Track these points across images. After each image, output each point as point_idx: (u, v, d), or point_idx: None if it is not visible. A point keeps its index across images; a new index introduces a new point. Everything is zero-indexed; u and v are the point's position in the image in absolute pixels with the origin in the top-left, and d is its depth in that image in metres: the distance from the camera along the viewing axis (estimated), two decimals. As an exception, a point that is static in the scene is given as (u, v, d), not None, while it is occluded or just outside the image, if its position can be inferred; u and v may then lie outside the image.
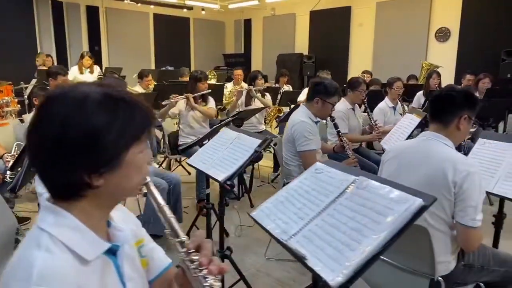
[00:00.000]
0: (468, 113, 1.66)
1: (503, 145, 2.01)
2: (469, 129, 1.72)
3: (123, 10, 10.09)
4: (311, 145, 2.58)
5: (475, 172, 1.51)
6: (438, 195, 1.50)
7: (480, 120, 3.92)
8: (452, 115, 1.66)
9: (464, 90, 1.71)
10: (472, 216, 1.49)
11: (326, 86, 2.59)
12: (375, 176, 1.14)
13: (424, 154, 1.64)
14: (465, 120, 1.66)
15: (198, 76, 3.79)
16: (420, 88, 5.76)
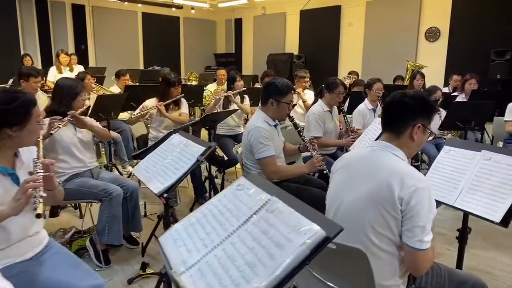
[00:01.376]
0: (423, 121, 1.50)
1: (468, 153, 1.86)
2: (425, 138, 1.55)
3: (110, 9, 9.92)
4: (269, 151, 2.43)
5: (424, 187, 1.35)
6: (383, 212, 1.36)
7: (462, 123, 3.77)
8: (404, 123, 1.50)
9: (419, 96, 1.53)
10: (419, 237, 1.33)
11: (278, 85, 2.44)
12: (290, 197, 0.99)
13: (372, 165, 1.48)
14: (419, 129, 1.50)
15: (172, 80, 3.61)
16: (405, 89, 5.62)
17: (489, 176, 1.71)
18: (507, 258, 2.84)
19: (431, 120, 1.54)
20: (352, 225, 1.44)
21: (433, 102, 1.58)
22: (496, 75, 6.55)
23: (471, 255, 2.88)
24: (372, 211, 1.39)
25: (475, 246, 3.02)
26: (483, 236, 3.20)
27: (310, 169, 2.53)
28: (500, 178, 1.67)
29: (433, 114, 1.54)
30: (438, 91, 4.27)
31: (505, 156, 1.71)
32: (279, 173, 2.48)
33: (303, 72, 5.17)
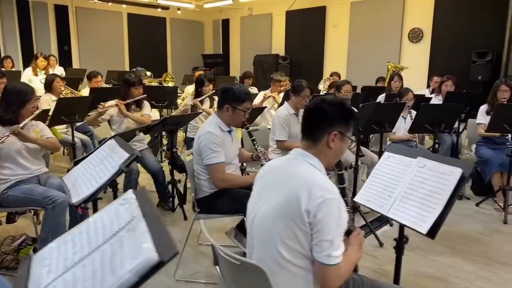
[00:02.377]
0: (340, 129, 1.43)
1: (406, 160, 1.79)
2: (344, 147, 1.48)
3: (94, 10, 9.83)
4: (218, 158, 2.35)
5: (333, 199, 1.28)
6: (292, 225, 1.29)
7: (431, 126, 3.70)
8: (321, 131, 1.42)
9: (337, 103, 1.46)
10: (327, 252, 1.26)
11: (235, 92, 2.37)
12: (156, 217, 0.92)
13: (286, 175, 1.41)
14: (336, 137, 1.42)
15: (132, 80, 3.54)
16: (384, 91, 5.57)
17: (422, 185, 1.65)
18: (468, 265, 2.77)
19: (350, 127, 1.47)
20: (264, 238, 1.37)
21: (352, 109, 1.50)
22: (478, 77, 6.50)
23: (431, 262, 2.82)
24: (281, 224, 1.31)
25: (436, 252, 2.96)
26: (446, 241, 3.14)
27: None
28: (432, 186, 1.61)
29: (352, 122, 1.47)
30: (409, 93, 4.21)
31: (439, 164, 1.64)
32: (226, 181, 2.41)
33: (278, 76, 5.10)
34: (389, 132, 3.92)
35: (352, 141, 1.50)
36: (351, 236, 1.54)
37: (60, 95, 4.58)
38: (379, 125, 3.51)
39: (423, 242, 3.11)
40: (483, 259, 2.85)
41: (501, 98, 4.03)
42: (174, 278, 2.56)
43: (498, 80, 4.16)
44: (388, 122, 3.57)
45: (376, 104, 3.30)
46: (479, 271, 2.69)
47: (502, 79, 4.17)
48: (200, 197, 2.52)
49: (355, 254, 1.45)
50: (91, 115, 3.41)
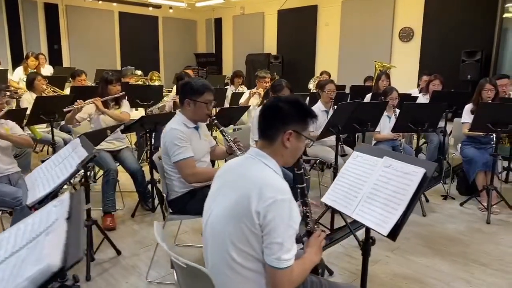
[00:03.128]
0: (295, 127, 1.38)
1: (372, 160, 1.75)
2: (301, 146, 1.43)
3: (85, 8, 9.76)
4: (185, 153, 2.31)
5: (284, 200, 1.23)
6: (242, 227, 1.25)
7: (414, 125, 3.67)
8: (276, 130, 1.38)
9: (293, 101, 1.42)
10: (277, 255, 1.21)
11: (193, 85, 2.34)
12: (78, 221, 0.87)
13: (239, 175, 1.37)
14: (292, 136, 1.38)
15: (109, 78, 3.49)
16: (370, 90, 5.53)
17: (387, 185, 1.60)
18: (446, 266, 2.74)
19: (307, 126, 1.43)
20: (216, 240, 1.33)
21: (308, 108, 1.45)
22: (467, 76, 6.48)
23: (409, 262, 2.79)
24: (232, 226, 1.27)
25: (416, 253, 2.92)
26: (427, 242, 3.11)
27: None
28: (395, 187, 1.57)
29: (309, 120, 1.43)
30: (394, 92, 4.18)
31: (403, 164, 1.60)
32: (196, 175, 2.36)
33: (263, 73, 5.06)
34: (372, 132, 3.89)
35: (310, 139, 1.46)
36: (311, 237, 1.50)
37: (42, 93, 4.53)
38: (361, 124, 3.48)
39: (403, 243, 3.09)
40: (462, 260, 2.82)
41: (486, 97, 4.00)
42: (146, 280, 2.52)
43: (483, 79, 4.13)
44: (370, 121, 3.54)
45: (355, 103, 3.25)
46: (457, 272, 2.65)
47: (486, 78, 4.13)
48: (172, 198, 2.47)
49: (312, 257, 1.41)
50: (68, 114, 3.35)
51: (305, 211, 1.53)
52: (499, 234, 3.26)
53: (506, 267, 2.73)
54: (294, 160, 1.46)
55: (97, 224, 2.69)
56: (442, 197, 4.15)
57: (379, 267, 2.72)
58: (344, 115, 3.11)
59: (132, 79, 5.89)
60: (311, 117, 1.44)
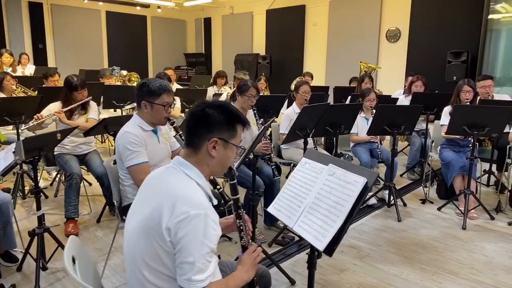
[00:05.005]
0: (221, 135, 1.28)
1: (319, 167, 1.65)
2: (230, 154, 1.32)
3: (70, 7, 9.62)
4: (139, 158, 2.20)
5: (198, 215, 1.12)
6: (154, 244, 1.14)
7: (390, 128, 3.57)
8: (200, 137, 1.27)
9: (221, 106, 1.30)
10: (187, 276, 1.10)
11: (150, 86, 2.21)
12: None
13: (156, 186, 1.26)
14: (218, 144, 1.27)
15: (74, 84, 3.33)
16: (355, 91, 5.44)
17: (329, 194, 1.50)
18: (414, 275, 2.63)
19: (235, 133, 1.32)
20: (130, 258, 1.22)
21: (238, 113, 1.34)
22: (453, 77, 6.39)
23: (377, 271, 2.69)
24: (143, 243, 1.16)
25: (385, 261, 2.82)
26: (399, 249, 3.02)
27: None
28: (337, 197, 1.46)
29: (238, 127, 1.32)
30: (372, 94, 4.08)
31: (346, 172, 1.50)
32: None
33: (241, 74, 4.96)
34: (347, 134, 3.79)
35: (239, 148, 1.35)
36: (244, 253, 1.40)
37: (12, 94, 4.40)
38: (334, 127, 3.38)
39: (374, 250, 2.99)
40: (432, 268, 2.72)
41: (464, 99, 3.91)
42: (98, 290, 2.40)
43: (461, 80, 4.04)
44: (344, 123, 3.44)
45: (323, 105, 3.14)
46: (424, 281, 2.55)
47: (465, 79, 4.04)
48: (125, 205, 2.36)
49: (241, 275, 1.30)
50: (30, 126, 3.23)
51: (239, 225, 1.43)
52: (474, 241, 3.17)
53: (477, 276, 2.63)
54: (223, 169, 1.36)
55: (49, 231, 2.58)
56: (420, 201, 4.06)
57: (344, 276, 2.61)
58: (312, 118, 3.01)
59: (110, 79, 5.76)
60: (241, 124, 1.33)
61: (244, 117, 1.35)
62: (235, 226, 1.44)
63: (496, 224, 3.50)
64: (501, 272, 2.67)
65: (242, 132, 1.38)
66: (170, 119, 2.37)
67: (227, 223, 1.55)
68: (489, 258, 2.87)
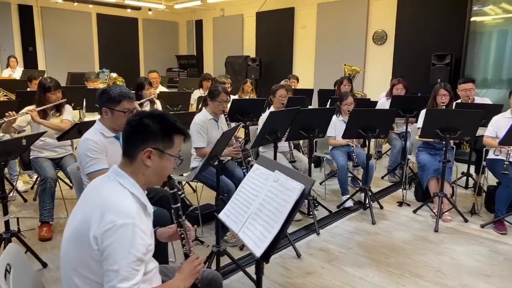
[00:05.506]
0: (156, 145, 1.30)
1: (266, 173, 1.68)
2: (166, 164, 1.34)
3: (61, 10, 9.63)
4: (98, 165, 2.23)
5: (125, 224, 1.15)
6: (83, 252, 1.16)
7: (364, 131, 3.60)
8: (135, 147, 1.30)
9: (156, 116, 1.32)
10: (112, 283, 1.13)
11: (110, 93, 2.26)
12: None
13: (89, 195, 1.29)
14: (153, 154, 1.29)
15: (47, 85, 3.36)
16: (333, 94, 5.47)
17: (272, 201, 1.53)
18: (380, 278, 2.66)
19: (171, 143, 1.33)
20: (62, 263, 1.25)
21: (175, 123, 1.35)
22: (437, 79, 6.41)
23: (343, 274, 2.72)
24: (73, 251, 1.19)
25: (353, 264, 2.85)
26: (369, 251, 3.05)
27: None
28: (277, 203, 1.49)
29: (174, 137, 1.33)
30: (349, 97, 4.12)
31: (288, 179, 1.52)
32: None
33: (223, 78, 5.00)
34: (322, 138, 3.82)
35: (176, 158, 1.36)
36: (185, 262, 1.43)
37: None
38: (308, 130, 3.41)
39: (344, 253, 3.02)
40: (398, 271, 2.75)
41: (440, 103, 3.95)
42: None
43: (438, 84, 4.07)
44: (318, 127, 3.47)
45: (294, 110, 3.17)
46: (388, 284, 2.58)
47: (441, 83, 4.08)
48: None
49: (177, 284, 1.33)
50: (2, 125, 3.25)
51: (180, 233, 1.45)
52: (445, 243, 3.20)
53: (441, 278, 2.67)
54: (160, 179, 1.38)
55: (17, 236, 2.60)
56: (398, 203, 4.09)
57: (310, 279, 2.64)
58: (283, 122, 3.04)
59: (95, 83, 5.79)
60: (179, 134, 1.35)
61: (183, 128, 1.38)
62: (177, 234, 1.47)
63: (469, 226, 3.53)
64: (466, 275, 2.71)
65: (183, 142, 1.40)
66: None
67: (171, 232, 1.57)
68: (457, 261, 2.91)
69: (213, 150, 2.25)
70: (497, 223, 3.44)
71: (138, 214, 1.22)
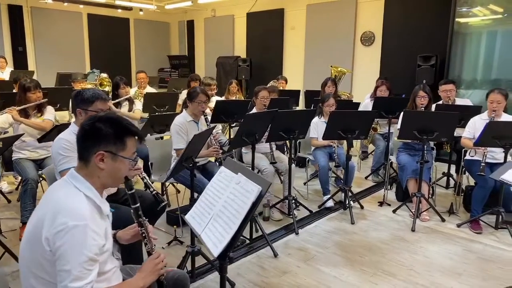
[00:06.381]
0: (109, 148, 1.33)
1: (230, 175, 1.72)
2: (120, 167, 1.37)
3: (51, 10, 9.62)
4: (70, 163, 2.26)
5: (76, 226, 1.19)
6: (36, 254, 1.20)
7: (344, 132, 3.66)
8: (88, 151, 1.34)
9: (108, 119, 1.36)
10: (65, 283, 1.17)
11: (83, 94, 2.35)
12: None
13: (45, 198, 1.33)
14: (106, 157, 1.33)
15: (27, 85, 3.40)
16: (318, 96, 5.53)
17: (232, 202, 1.58)
18: (354, 277, 2.72)
19: (124, 146, 1.37)
20: (20, 266, 1.29)
21: (128, 126, 1.39)
22: (422, 80, 6.49)
23: (318, 273, 2.77)
24: (28, 252, 1.24)
25: (329, 263, 2.91)
26: (345, 251, 3.10)
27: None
28: (238, 205, 1.54)
29: (127, 139, 1.38)
30: (331, 99, 4.17)
31: (248, 181, 1.57)
32: None
33: (208, 79, 5.05)
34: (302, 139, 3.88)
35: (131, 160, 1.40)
36: (146, 260, 1.47)
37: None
38: (288, 132, 3.45)
39: (321, 252, 3.08)
40: (372, 270, 2.81)
41: (419, 104, 4.01)
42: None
43: (417, 85, 4.14)
44: (298, 129, 3.52)
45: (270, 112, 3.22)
46: (362, 283, 2.64)
47: (420, 85, 4.14)
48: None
49: (135, 282, 1.37)
50: None
51: (141, 232, 1.50)
52: (420, 243, 3.27)
53: (413, 277, 2.73)
54: (116, 181, 1.42)
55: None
56: (379, 203, 4.15)
57: (286, 278, 2.69)
58: (260, 124, 3.09)
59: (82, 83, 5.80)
60: (131, 136, 1.39)
61: (135, 130, 1.41)
62: (139, 234, 1.51)
63: (446, 226, 3.60)
64: (437, 273, 2.77)
65: (139, 143, 1.45)
66: None
67: (131, 232, 1.62)
68: (430, 260, 2.97)
69: (185, 153, 2.30)
70: (472, 222, 3.51)
71: (91, 216, 1.26)
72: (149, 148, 3.52)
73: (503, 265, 2.90)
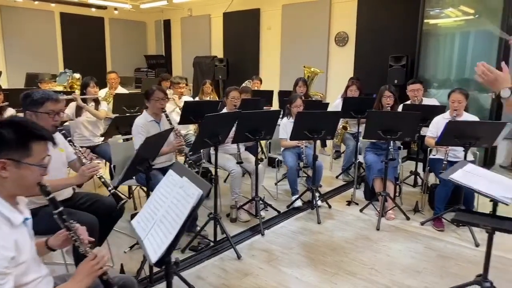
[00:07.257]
0: (10, 155, 1.26)
1: (176, 179, 1.69)
2: (27, 174, 1.30)
3: (21, 8, 9.36)
4: None
5: None
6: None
7: (310, 133, 3.67)
8: None
9: (10, 124, 1.29)
10: None
11: (32, 96, 2.27)
12: None
13: None
14: (9, 165, 1.26)
15: None
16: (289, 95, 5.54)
17: (174, 207, 1.55)
18: (315, 277, 2.73)
19: (29, 153, 1.30)
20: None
21: (33, 129, 1.32)
22: (394, 80, 6.60)
23: (280, 274, 2.77)
24: None
25: (291, 263, 2.91)
26: (309, 251, 3.12)
27: (81, 179, 2.33)
28: (179, 209, 1.51)
29: (33, 144, 1.30)
30: (298, 100, 4.18)
31: (191, 184, 1.55)
32: None
33: (177, 79, 5.00)
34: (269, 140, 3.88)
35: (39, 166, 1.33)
36: (81, 262, 1.43)
37: None
38: (254, 133, 3.44)
39: (284, 253, 3.08)
40: (333, 270, 2.82)
41: (385, 104, 4.07)
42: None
43: (383, 86, 4.19)
44: (264, 129, 3.51)
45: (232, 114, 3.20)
46: (322, 283, 2.65)
47: (386, 85, 4.20)
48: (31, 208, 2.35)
49: (71, 286, 1.34)
50: None
51: (71, 236, 1.47)
52: (384, 241, 3.31)
53: (374, 276, 2.76)
54: (24, 190, 1.35)
55: None
56: (347, 202, 4.19)
57: (246, 280, 2.68)
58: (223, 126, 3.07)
59: (50, 84, 5.65)
60: (37, 140, 1.32)
61: (44, 133, 1.35)
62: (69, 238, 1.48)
63: (410, 224, 3.66)
64: (398, 272, 2.81)
65: (53, 147, 1.40)
66: (58, 126, 2.38)
67: (62, 237, 1.57)
68: (391, 258, 3.01)
69: (137, 155, 2.25)
70: (435, 220, 3.58)
71: None
72: (112, 150, 3.46)
73: (461, 262, 2.97)
